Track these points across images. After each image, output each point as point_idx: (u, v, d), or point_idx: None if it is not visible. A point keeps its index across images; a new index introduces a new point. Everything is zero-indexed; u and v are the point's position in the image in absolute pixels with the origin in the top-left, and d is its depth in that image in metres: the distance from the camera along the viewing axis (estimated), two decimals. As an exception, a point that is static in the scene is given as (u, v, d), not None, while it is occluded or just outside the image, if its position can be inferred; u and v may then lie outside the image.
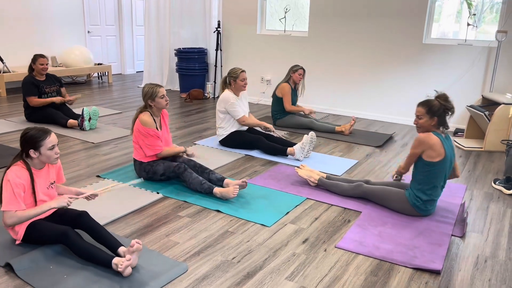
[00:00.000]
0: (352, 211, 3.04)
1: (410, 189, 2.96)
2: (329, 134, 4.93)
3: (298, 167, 3.54)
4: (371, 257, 2.46)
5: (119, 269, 2.13)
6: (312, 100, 6.35)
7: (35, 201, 2.35)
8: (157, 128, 3.31)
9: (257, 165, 3.91)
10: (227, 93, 4.20)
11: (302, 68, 5.08)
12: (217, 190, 3.13)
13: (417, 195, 2.89)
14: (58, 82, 5.14)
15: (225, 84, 4.27)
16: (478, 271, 2.37)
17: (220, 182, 3.28)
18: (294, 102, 5.18)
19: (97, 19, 8.55)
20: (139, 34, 9.32)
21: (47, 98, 4.97)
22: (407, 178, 3.51)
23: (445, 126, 2.88)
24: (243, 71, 4.20)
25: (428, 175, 2.84)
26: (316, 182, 3.37)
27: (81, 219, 2.36)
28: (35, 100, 4.89)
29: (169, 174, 3.30)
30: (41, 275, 2.16)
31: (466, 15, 5.47)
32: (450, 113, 2.84)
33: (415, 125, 2.91)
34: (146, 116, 3.27)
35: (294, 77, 5.08)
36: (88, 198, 2.58)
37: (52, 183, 2.48)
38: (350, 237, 2.66)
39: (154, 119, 3.32)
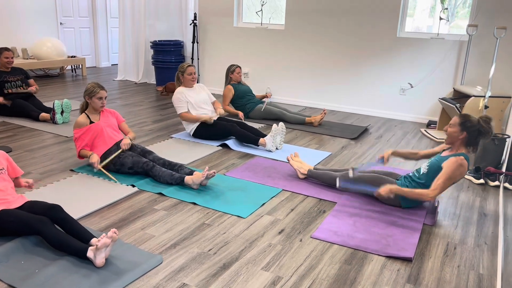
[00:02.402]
0: (328, 202, 3.08)
1: (404, 180, 2.98)
2: (304, 126, 4.97)
3: (291, 155, 3.54)
4: (346, 246, 2.51)
5: (96, 243, 2.11)
6: (288, 93, 6.38)
7: None
8: (91, 122, 3.39)
9: (234, 157, 3.92)
10: (177, 89, 4.33)
11: (238, 66, 5.21)
12: (187, 178, 3.15)
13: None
14: (23, 74, 5.03)
15: (178, 81, 4.39)
16: (447, 258, 2.44)
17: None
18: (245, 96, 5.22)
19: (70, 10, 8.35)
20: (113, 26, 9.14)
21: (11, 87, 4.85)
22: (402, 171, 3.57)
23: (475, 148, 2.82)
24: (190, 65, 4.31)
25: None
26: (305, 173, 3.39)
27: (54, 212, 2.33)
28: None
29: (137, 169, 3.30)
30: (11, 270, 2.11)
31: (439, 10, 5.57)
32: (484, 136, 2.77)
33: (444, 131, 2.90)
34: (80, 118, 3.39)
35: (234, 77, 5.21)
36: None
37: (1, 169, 2.47)
38: (325, 227, 2.70)
39: (89, 117, 3.41)
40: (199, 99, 4.36)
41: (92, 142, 3.38)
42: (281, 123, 4.15)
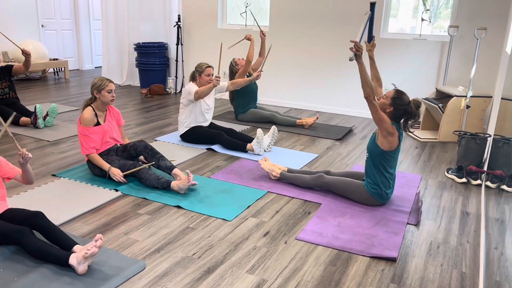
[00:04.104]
0: (312, 203, 3.09)
1: (366, 180, 3.04)
2: (291, 128, 4.98)
3: (261, 159, 3.56)
4: (330, 247, 2.51)
5: (86, 252, 2.07)
6: (274, 94, 6.38)
7: None
8: (98, 123, 3.29)
9: (219, 160, 3.90)
10: (191, 84, 4.18)
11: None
12: (174, 184, 3.12)
13: (374, 182, 2.98)
14: (8, 75, 4.89)
15: (193, 79, 4.27)
16: (431, 257, 2.46)
17: (168, 171, 3.30)
18: (249, 95, 5.16)
19: (52, 12, 8.23)
20: (96, 29, 9.03)
21: None
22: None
23: (398, 123, 2.94)
24: (209, 66, 4.19)
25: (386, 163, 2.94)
26: (278, 176, 3.40)
27: (35, 220, 2.27)
28: None
29: (123, 169, 3.25)
30: (-9, 279, 2.07)
31: (422, 11, 5.64)
32: (409, 117, 2.90)
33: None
34: (87, 113, 3.26)
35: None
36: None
37: None
38: (310, 229, 2.70)
39: (96, 114, 3.30)
40: (206, 107, 4.27)
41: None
42: (274, 127, 4.19)
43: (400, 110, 2.89)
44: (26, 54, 4.57)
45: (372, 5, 3.15)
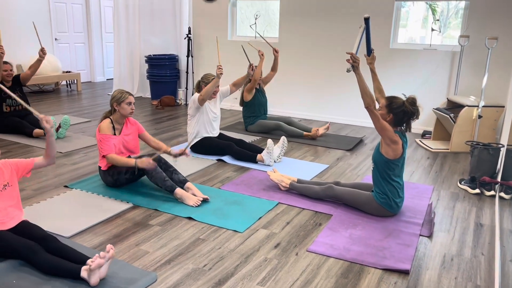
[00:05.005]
0: (323, 214, 3.07)
1: (375, 190, 3.01)
2: (301, 138, 4.97)
3: (270, 171, 3.55)
4: (342, 259, 2.49)
5: (90, 264, 2.07)
6: (283, 105, 6.39)
7: None
8: (114, 134, 3.32)
9: (229, 171, 3.90)
10: (196, 94, 4.22)
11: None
12: (178, 191, 3.13)
13: (382, 192, 2.95)
14: (18, 86, 4.99)
15: (198, 89, 4.30)
16: (445, 270, 2.43)
17: (181, 184, 3.28)
18: (259, 108, 5.21)
19: (65, 26, 8.38)
20: (108, 41, 9.17)
21: (11, 104, 4.86)
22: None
23: (402, 126, 2.95)
24: (215, 77, 4.21)
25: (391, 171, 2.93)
26: (287, 186, 3.39)
27: (46, 243, 2.25)
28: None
29: (132, 170, 3.25)
30: (4, 290, 2.08)
31: (431, 21, 5.63)
32: (410, 116, 2.90)
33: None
34: (104, 124, 3.29)
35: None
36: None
37: (5, 185, 2.38)
38: (321, 241, 2.68)
39: (113, 126, 3.33)
40: (213, 115, 4.30)
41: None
42: (283, 137, 4.22)
43: (399, 114, 2.89)
44: (42, 53, 4.71)
45: (366, 19, 3.20)
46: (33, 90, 7.77)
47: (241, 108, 5.42)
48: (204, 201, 3.18)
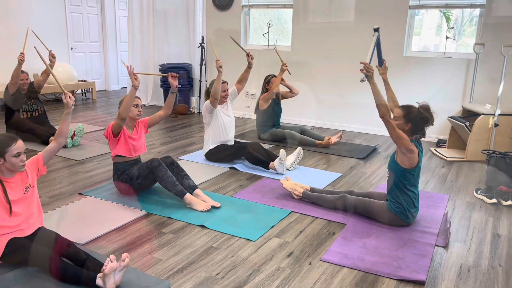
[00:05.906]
0: (337, 223, 3.04)
1: (390, 199, 2.98)
2: (314, 146, 4.95)
3: (283, 179, 3.55)
4: (356, 269, 2.46)
5: (103, 269, 2.08)
6: (296, 113, 6.38)
7: (10, 212, 2.27)
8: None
9: (242, 179, 3.90)
10: (207, 101, 4.26)
11: (273, 75, 5.21)
12: (188, 197, 3.15)
13: (397, 201, 2.92)
14: (35, 91, 5.10)
15: (208, 96, 4.35)
16: (461, 281, 2.38)
17: (190, 190, 3.28)
18: (273, 118, 5.28)
19: (81, 36, 8.53)
20: (123, 50, 9.30)
21: (27, 110, 4.98)
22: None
23: (419, 134, 2.94)
24: (223, 82, 4.25)
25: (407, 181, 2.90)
26: (300, 195, 3.38)
27: (64, 252, 2.26)
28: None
29: (144, 174, 3.26)
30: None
31: (445, 29, 5.59)
32: (427, 123, 2.89)
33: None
34: (114, 122, 3.30)
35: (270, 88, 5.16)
36: None
37: (27, 187, 2.39)
38: (334, 250, 2.66)
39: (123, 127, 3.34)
40: (228, 118, 4.34)
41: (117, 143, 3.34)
42: (299, 148, 4.23)
43: (417, 121, 2.88)
44: (52, 57, 4.93)
45: (375, 30, 3.21)
46: (50, 98, 7.90)
47: (254, 117, 5.44)
48: (215, 207, 3.18)
